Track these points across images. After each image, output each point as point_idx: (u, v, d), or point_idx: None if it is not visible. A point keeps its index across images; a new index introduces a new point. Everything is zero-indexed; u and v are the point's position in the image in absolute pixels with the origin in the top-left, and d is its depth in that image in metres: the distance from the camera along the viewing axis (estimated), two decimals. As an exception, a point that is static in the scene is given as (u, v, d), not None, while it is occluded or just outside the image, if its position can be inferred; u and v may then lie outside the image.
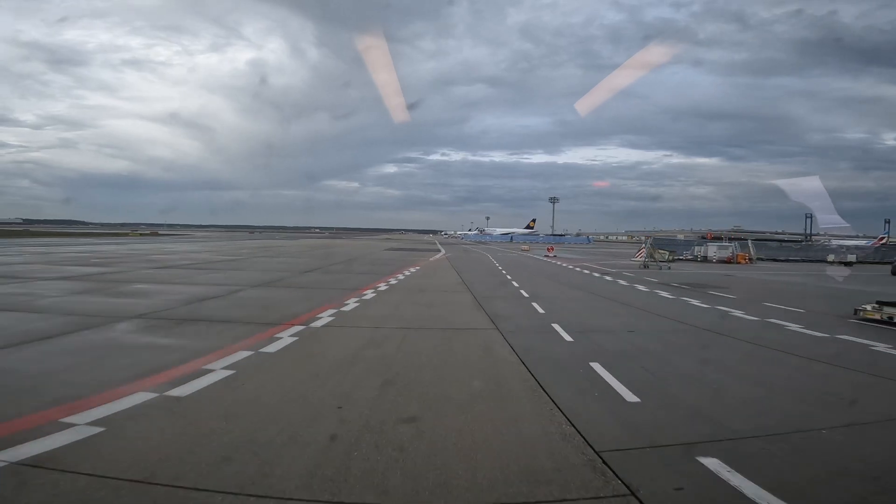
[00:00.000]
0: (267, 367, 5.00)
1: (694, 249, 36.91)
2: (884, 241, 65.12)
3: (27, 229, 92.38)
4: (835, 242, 57.79)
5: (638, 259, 28.42)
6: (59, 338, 6.00)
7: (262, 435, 3.31)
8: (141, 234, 75.50)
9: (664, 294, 12.91)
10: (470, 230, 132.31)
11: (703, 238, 58.92)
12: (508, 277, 16.92)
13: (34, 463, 2.79)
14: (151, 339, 6.22)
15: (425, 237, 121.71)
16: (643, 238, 46.99)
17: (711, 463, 2.98)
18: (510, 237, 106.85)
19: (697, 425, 3.73)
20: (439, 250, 41.33)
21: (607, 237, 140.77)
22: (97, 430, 3.26)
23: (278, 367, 5.06)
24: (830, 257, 38.07)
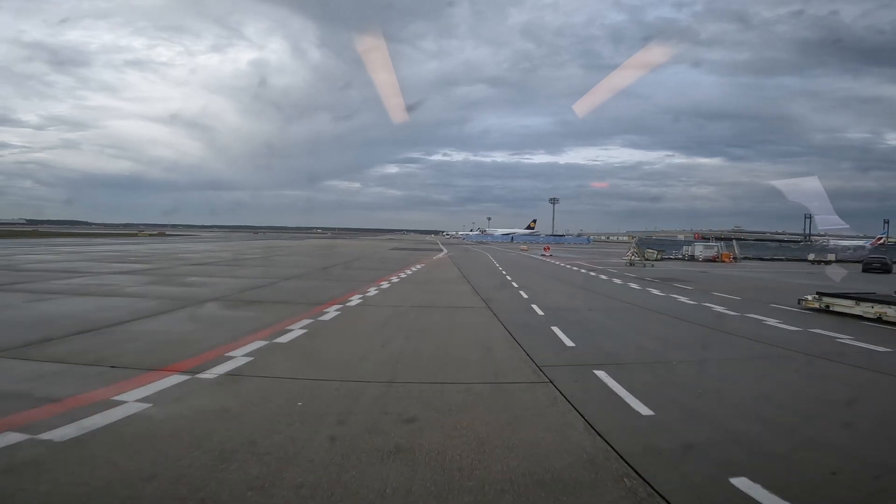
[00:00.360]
0: (328, 328, 7.34)
1: (683, 249, 39.20)
2: (882, 240, 64.95)
3: (37, 230, 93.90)
4: (832, 242, 59.59)
5: (627, 258, 30.71)
6: (170, 313, 8.32)
7: (344, 357, 5.66)
8: (149, 235, 77.65)
9: (633, 286, 15.24)
10: (471, 231, 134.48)
11: (705, 238, 61.16)
12: (503, 273, 19.24)
13: (235, 372, 5.07)
14: (236, 313, 8.57)
15: (427, 237, 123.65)
16: (630, 238, 49.29)
17: (601, 374, 5.26)
18: (511, 237, 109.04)
19: (601, 357, 6.05)
20: (441, 250, 43.68)
21: (608, 237, 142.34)
22: (250, 358, 5.54)
23: (335, 328, 7.40)
24: (811, 256, 40.34)
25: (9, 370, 4.81)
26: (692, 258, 36.04)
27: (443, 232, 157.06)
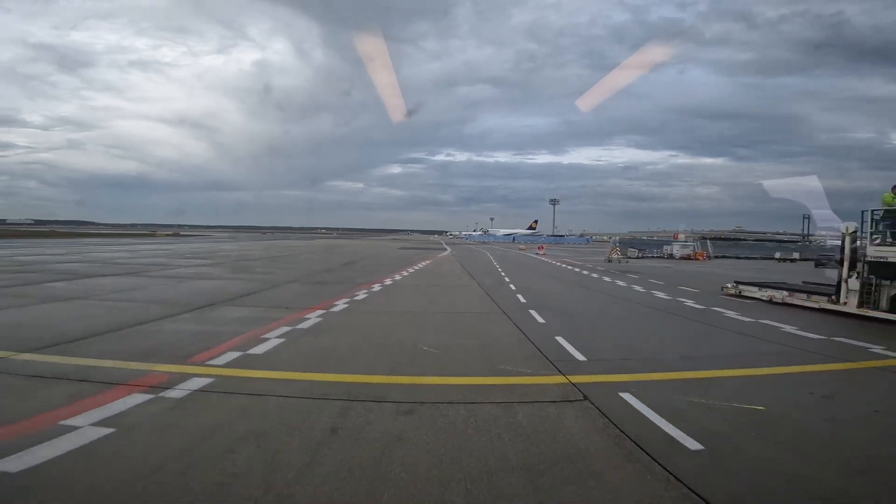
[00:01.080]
0: (380, 295, 11.79)
1: (664, 248, 43.55)
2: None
3: (54, 230, 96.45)
4: (830, 242, 63.60)
5: (607, 256, 35.10)
6: (269, 290, 12.77)
7: (395, 308, 10.16)
8: (166, 235, 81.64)
9: (593, 275, 19.66)
10: (474, 231, 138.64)
11: (704, 238, 65.48)
12: (498, 268, 23.68)
13: (356, 301, 9.55)
14: (313, 288, 13.04)
15: (431, 237, 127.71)
16: (608, 238, 53.61)
17: (534, 312, 9.65)
18: (512, 237, 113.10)
19: (537, 305, 10.48)
20: (445, 249, 48.21)
21: (610, 237, 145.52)
22: (347, 304, 10.01)
23: (384, 295, 11.85)
24: (777, 255, 44.62)
25: (241, 312, 9.33)
26: (671, 256, 40.35)
27: (446, 232, 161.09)
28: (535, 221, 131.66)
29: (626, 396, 4.52)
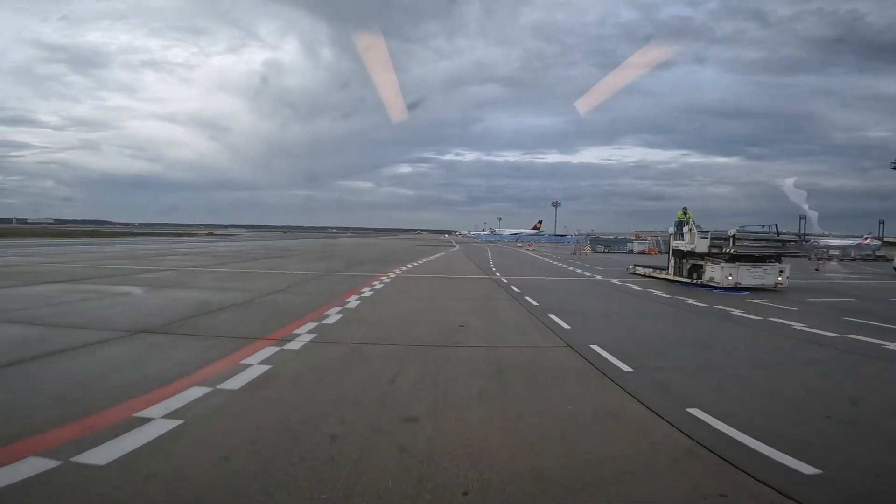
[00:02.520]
0: (422, 265, 22.89)
1: (626, 245, 54.49)
2: (867, 240, 64.30)
3: (96, 230, 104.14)
4: (822, 241, 71.27)
5: (586, 252, 46.11)
6: (366, 264, 23.87)
7: (432, 271, 21.33)
8: (203, 235, 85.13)
9: (553, 262, 30.73)
10: (483, 230, 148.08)
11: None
12: (489, 258, 34.74)
13: (436, 258, 20.65)
14: (384, 265, 24.22)
15: (441, 237, 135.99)
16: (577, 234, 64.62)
17: (499, 275, 20.72)
18: (517, 237, 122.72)
19: (506, 274, 21.55)
20: (454, 246, 59.41)
21: (616, 237, 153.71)
22: (412, 266, 21.12)
23: (424, 266, 22.92)
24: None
25: (370, 268, 20.53)
26: (631, 251, 51.23)
27: (456, 232, 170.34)
28: (540, 221, 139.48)
29: (529, 299, 15.57)
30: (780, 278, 15.68)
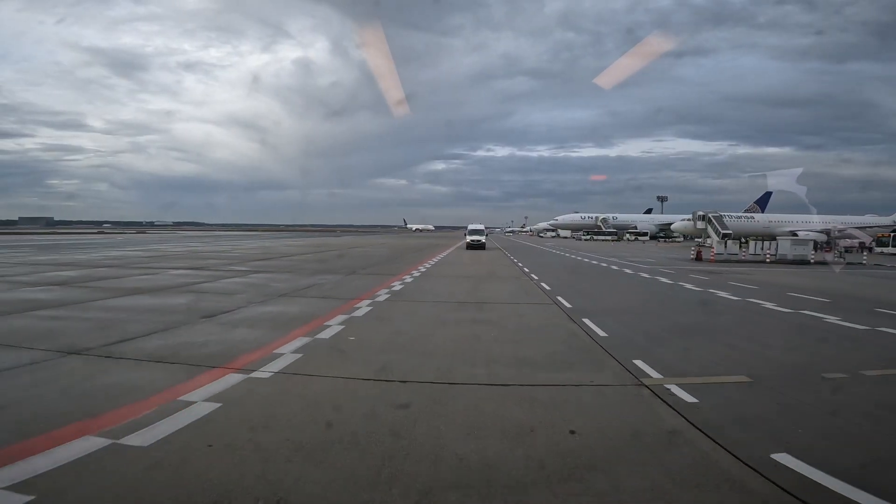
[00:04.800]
0: (461, 250, 40.10)
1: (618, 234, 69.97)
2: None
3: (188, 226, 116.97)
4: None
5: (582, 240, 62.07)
6: (433, 248, 41.19)
7: (463, 262, 38.61)
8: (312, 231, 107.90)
9: (549, 249, 47.30)
10: (522, 227, 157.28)
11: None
12: (501, 246, 51.30)
13: (457, 246, 37.78)
14: (440, 246, 41.51)
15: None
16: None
17: (505, 252, 37.54)
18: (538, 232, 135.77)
19: (508, 248, 38.42)
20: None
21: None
22: (460, 244, 38.28)
23: (461, 256, 40.20)
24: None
25: (441, 242, 38.02)
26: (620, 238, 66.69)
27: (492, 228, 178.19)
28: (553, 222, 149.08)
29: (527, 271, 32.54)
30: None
